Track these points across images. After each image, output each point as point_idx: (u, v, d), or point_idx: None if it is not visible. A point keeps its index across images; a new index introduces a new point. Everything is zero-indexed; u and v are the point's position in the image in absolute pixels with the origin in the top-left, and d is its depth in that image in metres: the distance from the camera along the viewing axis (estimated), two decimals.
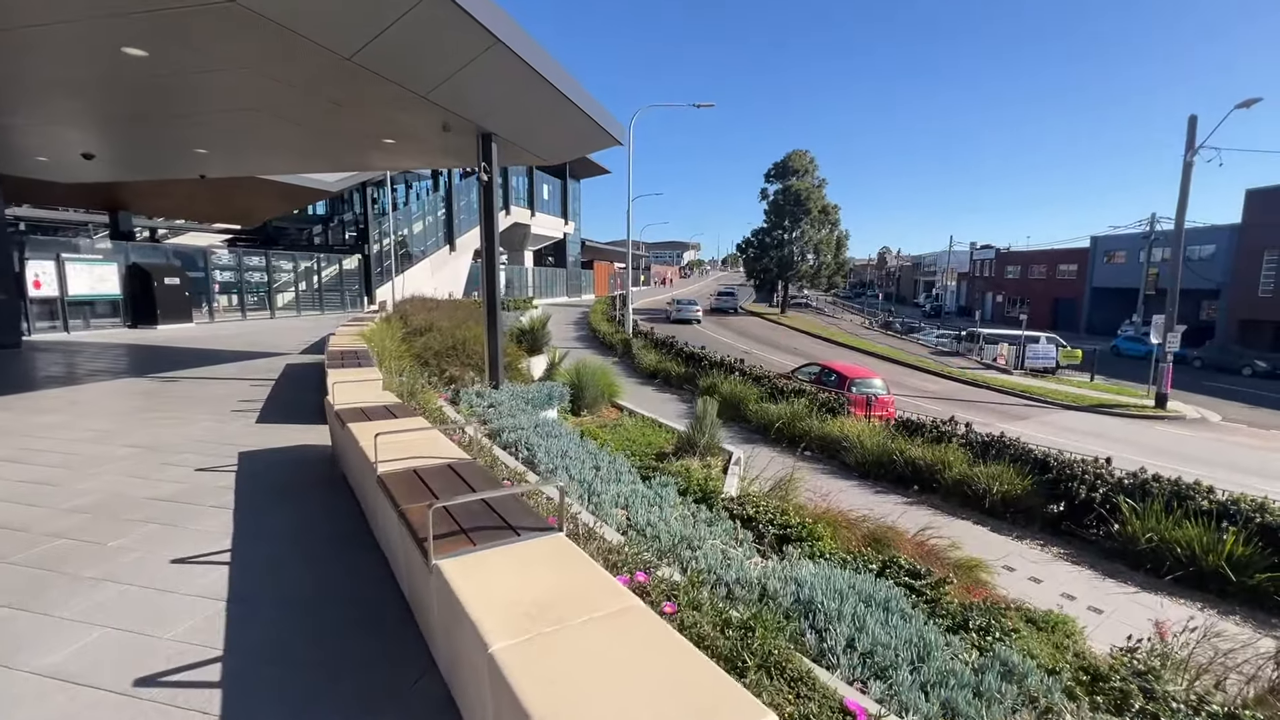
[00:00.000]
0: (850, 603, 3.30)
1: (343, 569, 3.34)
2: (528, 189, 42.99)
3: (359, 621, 2.82)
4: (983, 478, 9.14)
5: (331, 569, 3.32)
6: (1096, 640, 5.73)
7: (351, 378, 6.64)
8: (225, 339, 14.88)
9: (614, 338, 24.49)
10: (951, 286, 66.24)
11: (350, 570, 3.32)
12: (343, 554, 3.52)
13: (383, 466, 3.45)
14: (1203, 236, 35.59)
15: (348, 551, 3.55)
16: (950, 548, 6.36)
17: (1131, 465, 9.51)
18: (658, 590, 3.07)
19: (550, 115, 8.74)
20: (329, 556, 3.48)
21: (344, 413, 4.76)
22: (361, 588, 3.14)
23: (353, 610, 2.91)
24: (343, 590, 3.10)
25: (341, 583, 3.18)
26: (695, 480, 6.21)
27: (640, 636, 1.82)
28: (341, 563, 3.41)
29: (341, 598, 3.03)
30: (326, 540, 3.70)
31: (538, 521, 2.71)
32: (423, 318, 14.63)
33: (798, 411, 12.38)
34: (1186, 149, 18.58)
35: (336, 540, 3.70)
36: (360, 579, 3.22)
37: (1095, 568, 7.70)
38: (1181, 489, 7.96)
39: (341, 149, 9.94)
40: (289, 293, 24.05)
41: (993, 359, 27.91)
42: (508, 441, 6.58)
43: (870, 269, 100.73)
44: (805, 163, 48.78)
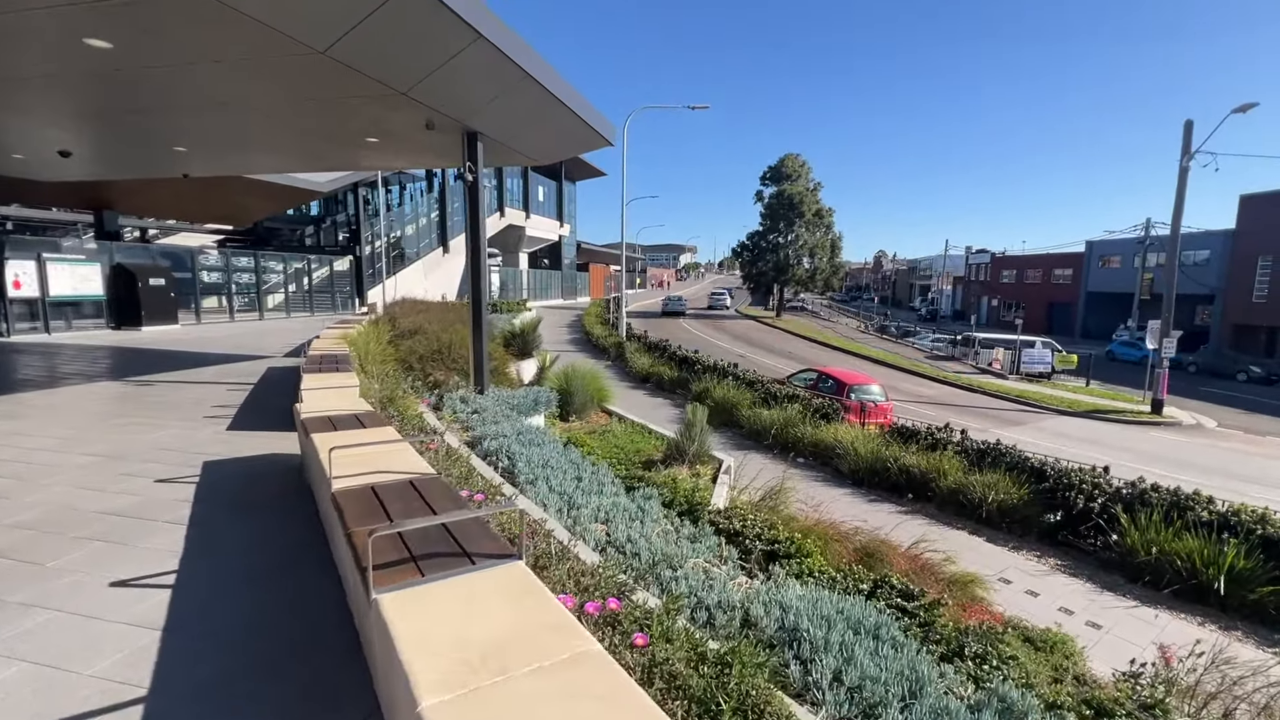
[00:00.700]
0: (838, 630, 3.09)
1: (293, 593, 3.11)
2: (523, 191, 42.77)
3: (304, 654, 2.59)
4: (978, 487, 8.95)
5: (282, 593, 3.09)
6: (1096, 659, 5.53)
7: (327, 384, 6.42)
8: (210, 341, 14.60)
9: (607, 341, 24.28)
10: (947, 290, 66.30)
11: (301, 595, 3.09)
12: (296, 576, 3.28)
13: (339, 482, 3.23)
14: (1197, 242, 35.63)
15: (301, 573, 3.32)
16: (945, 562, 6.15)
17: (1128, 472, 9.36)
18: (630, 619, 2.84)
19: (538, 114, 8.54)
20: (281, 579, 3.24)
21: (309, 421, 4.53)
22: (311, 615, 2.91)
23: (299, 641, 2.68)
24: (290, 618, 2.87)
25: (290, 609, 2.95)
26: (682, 491, 6.00)
27: (594, 691, 1.60)
28: (293, 586, 3.18)
29: (288, 627, 2.80)
30: (281, 560, 3.47)
31: (498, 547, 2.49)
32: (411, 320, 14.38)
33: (791, 418, 12.18)
34: (1183, 154, 18.50)
35: (292, 560, 3.47)
36: (311, 605, 2.99)
37: (1093, 580, 7.51)
38: (1181, 499, 7.78)
39: (324, 148, 9.71)
40: (278, 294, 23.74)
41: (988, 363, 27.81)
42: (488, 450, 6.36)
43: (866, 272, 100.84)
44: (798, 166, 48.73)
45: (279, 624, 2.81)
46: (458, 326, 12.31)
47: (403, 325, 14.00)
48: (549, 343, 24.42)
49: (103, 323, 16.46)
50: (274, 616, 2.87)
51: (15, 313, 14.62)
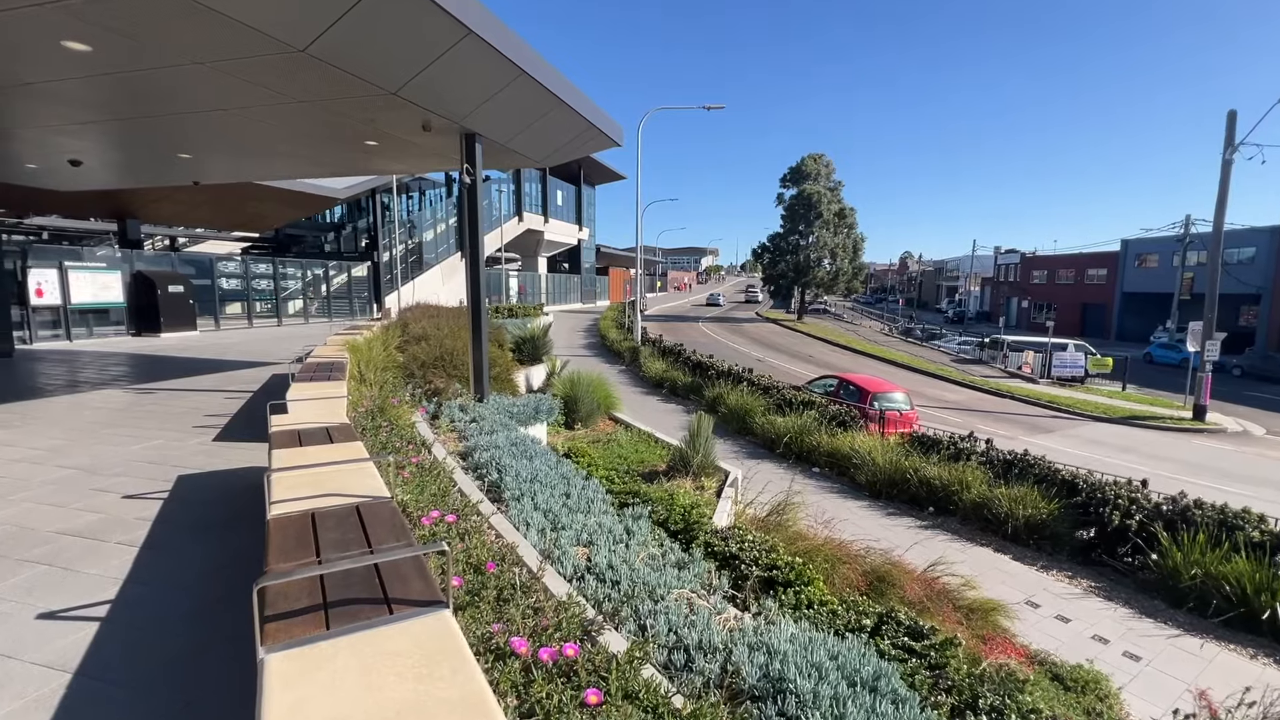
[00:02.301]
0: (830, 681, 2.72)
1: (232, 632, 2.84)
2: (541, 195, 42.84)
3: (222, 707, 2.31)
4: (1004, 500, 8.41)
5: (219, 630, 2.84)
6: (1134, 696, 5.04)
7: (314, 394, 6.21)
8: (224, 348, 14.68)
9: (622, 345, 23.98)
10: (975, 292, 64.66)
11: (241, 634, 2.82)
12: (241, 610, 3.02)
13: (280, 507, 2.96)
14: (1241, 239, 34.03)
15: (248, 607, 3.05)
16: (964, 586, 5.69)
17: (1169, 484, 8.74)
18: (589, 667, 2.52)
19: (537, 114, 8.29)
20: (221, 613, 2.99)
21: (276, 435, 4.29)
22: (244, 658, 2.63)
23: (222, 691, 2.41)
24: (219, 661, 2.60)
25: (222, 651, 2.68)
26: (679, 508, 5.64)
27: None
28: (234, 623, 2.92)
29: (214, 672, 2.53)
30: (229, 592, 3.21)
31: (425, 591, 2.18)
32: (421, 325, 14.27)
33: (806, 425, 11.72)
34: (1225, 146, 17.55)
35: (239, 592, 3.21)
36: (247, 646, 2.72)
37: (1130, 604, 6.94)
38: (1228, 517, 7.18)
39: (325, 153, 9.60)
40: (297, 300, 23.99)
41: (1018, 367, 26.82)
42: (479, 462, 6.10)
43: (891, 274, 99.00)
44: (820, 166, 47.96)
45: (206, 669, 2.54)
46: (463, 332, 12.12)
47: (413, 330, 13.89)
48: (563, 347, 24.24)
49: (123, 329, 16.71)
50: (204, 659, 2.61)
51: (38, 320, 14.90)
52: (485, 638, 2.64)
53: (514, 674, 2.40)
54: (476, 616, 2.77)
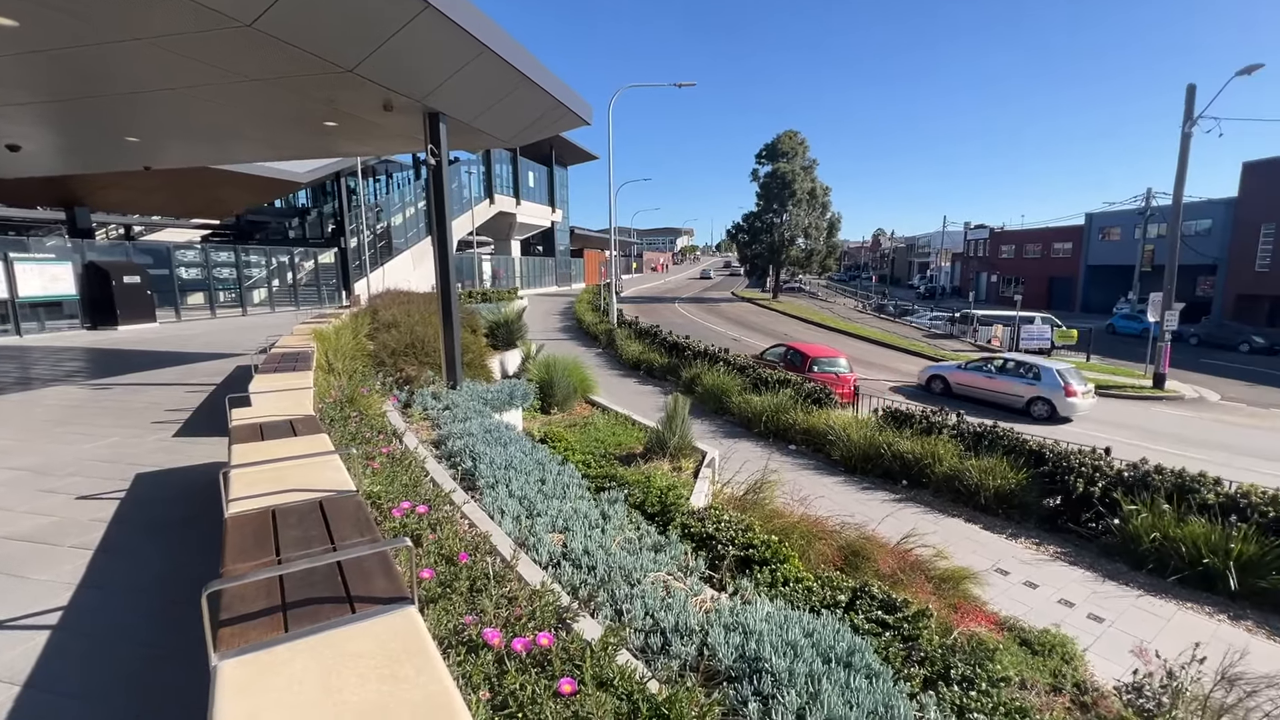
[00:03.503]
0: (805, 659, 2.73)
1: (191, 636, 2.74)
2: (512, 177, 42.07)
3: (181, 717, 2.23)
4: (974, 472, 8.60)
5: (178, 635, 2.74)
6: (1098, 656, 5.22)
7: (278, 385, 6.02)
8: (185, 339, 14.21)
9: (598, 328, 23.85)
10: (946, 267, 65.65)
11: (202, 639, 2.73)
12: (193, 619, 2.92)
13: (239, 505, 2.85)
14: (1199, 211, 35.01)
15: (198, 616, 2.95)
16: (936, 557, 5.81)
17: (1131, 450, 9.03)
18: (563, 656, 2.49)
19: (502, 92, 8.06)
20: (180, 618, 2.89)
21: (237, 430, 4.15)
22: (205, 665, 2.54)
23: (181, 700, 2.32)
24: (178, 668, 2.51)
25: (181, 658, 2.59)
26: (656, 490, 5.63)
27: None
28: (194, 627, 2.81)
29: (172, 680, 2.44)
30: (188, 594, 3.09)
31: (390, 587, 2.12)
32: (392, 312, 13.97)
33: (782, 403, 11.81)
34: (1185, 119, 17.92)
35: (200, 595, 3.10)
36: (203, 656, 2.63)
37: (1094, 568, 7.18)
38: (1185, 481, 7.43)
39: (282, 135, 9.24)
40: (262, 289, 23.30)
41: (987, 341, 27.38)
42: (453, 450, 6.01)
43: (865, 251, 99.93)
44: (795, 144, 47.84)
45: (164, 680, 2.45)
46: (435, 318, 11.91)
47: (384, 317, 13.59)
48: (539, 331, 24.03)
49: (78, 323, 16.04)
50: (161, 670, 2.51)
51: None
52: (457, 630, 2.60)
53: (487, 666, 2.37)
54: (449, 609, 2.72)
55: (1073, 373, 15.38)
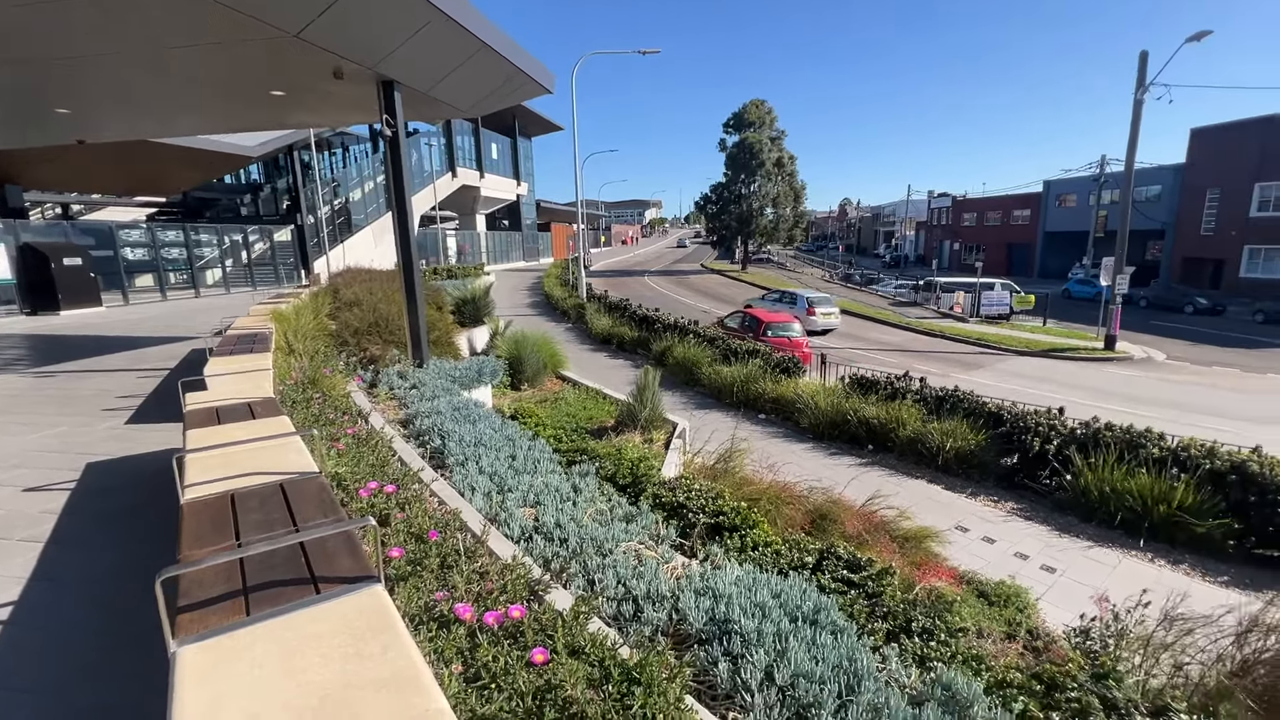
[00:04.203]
0: (773, 619, 2.81)
1: (149, 625, 2.67)
2: (474, 149, 40.92)
3: (139, 707, 2.18)
4: (936, 435, 8.87)
5: (135, 625, 2.66)
6: (1050, 604, 5.50)
7: (235, 367, 5.82)
8: (134, 323, 13.62)
9: (567, 303, 23.65)
10: (910, 236, 66.65)
11: (154, 631, 2.66)
12: (149, 609, 2.84)
13: (195, 491, 2.77)
14: (1149, 177, 36.11)
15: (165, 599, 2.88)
16: (899, 518, 6.01)
17: (1084, 410, 9.39)
18: (535, 627, 2.51)
19: (459, 59, 7.77)
20: (137, 608, 2.80)
21: (192, 414, 4.01)
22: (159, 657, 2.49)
23: (139, 690, 2.27)
24: (136, 658, 2.45)
25: (139, 647, 2.52)
26: (627, 462, 5.67)
27: None
28: (151, 617, 2.74)
29: (130, 670, 2.38)
30: (144, 584, 2.99)
31: (355, 567, 2.09)
32: (353, 290, 13.60)
33: (751, 374, 11.94)
34: (1137, 86, 18.32)
35: (153, 584, 3.02)
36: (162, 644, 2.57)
37: (1048, 522, 7.52)
38: (1133, 437, 7.79)
39: (227, 105, 8.78)
40: (215, 269, 22.40)
41: (949, 307, 28.03)
42: (421, 429, 5.94)
43: (831, 221, 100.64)
44: (763, 113, 47.58)
45: (121, 671, 2.39)
46: (398, 296, 11.64)
47: (346, 296, 13.22)
48: (507, 307, 23.73)
49: (15, 309, 15.22)
50: (119, 661, 2.45)
51: None
52: (428, 607, 2.59)
53: (459, 640, 2.37)
54: (419, 586, 2.70)
55: (819, 299, 23.49)
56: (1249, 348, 20.94)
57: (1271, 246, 30.60)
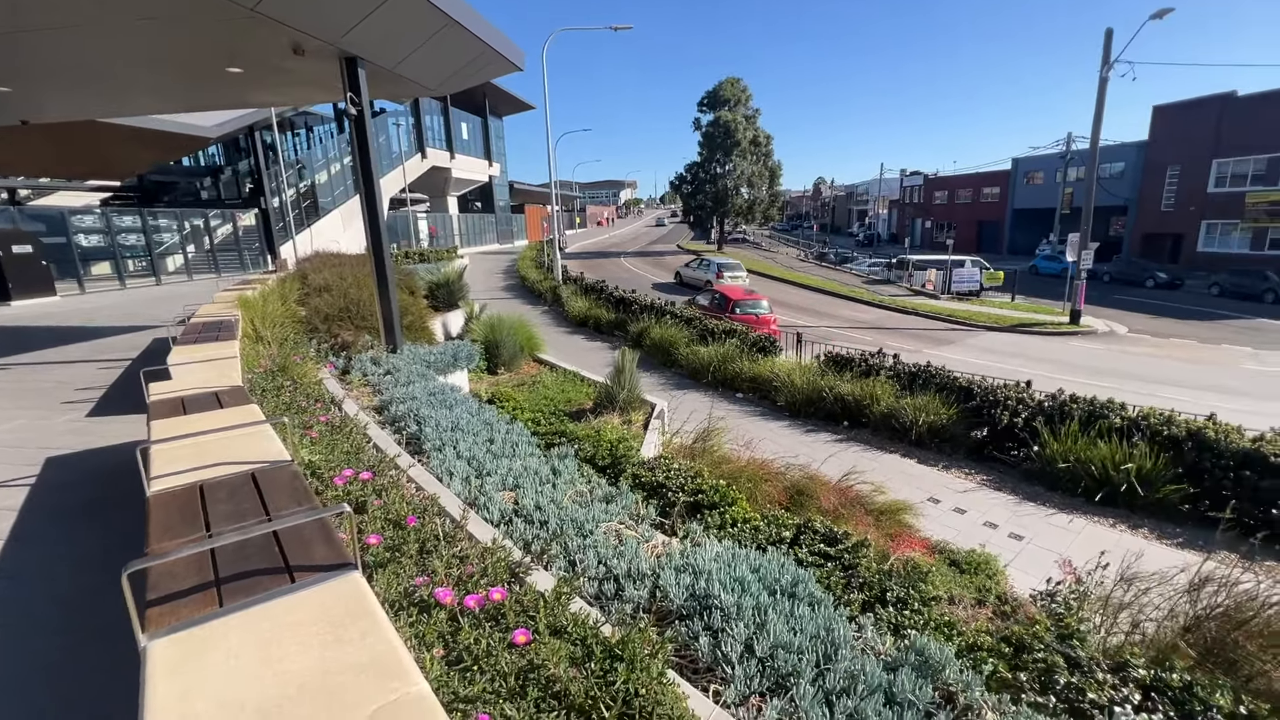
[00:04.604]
0: (752, 592, 2.86)
1: (114, 621, 2.61)
2: (444, 129, 39.98)
3: (104, 703, 2.14)
4: (910, 410, 9.06)
5: (100, 621, 2.61)
6: (1018, 570, 5.70)
7: (200, 356, 5.67)
8: (92, 313, 13.13)
9: (542, 285, 23.43)
10: (883, 215, 67.27)
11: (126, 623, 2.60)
12: (114, 605, 2.78)
13: (162, 483, 2.70)
14: (1113, 154, 36.86)
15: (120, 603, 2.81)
16: (874, 492, 6.14)
17: (1050, 383, 9.65)
18: (517, 609, 2.51)
19: (425, 34, 7.54)
20: (102, 604, 2.74)
21: (156, 405, 3.90)
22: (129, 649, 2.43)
23: (104, 687, 2.22)
24: (101, 655, 2.40)
25: (104, 644, 2.47)
26: (606, 443, 5.68)
27: None
28: (117, 612, 2.68)
29: (95, 667, 2.33)
30: (109, 579, 2.93)
31: (331, 554, 2.06)
32: (323, 276, 13.28)
33: (728, 353, 12.02)
34: (1102, 63, 18.60)
35: (112, 586, 2.95)
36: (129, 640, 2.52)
37: (1016, 491, 7.76)
38: (1096, 407, 8.05)
39: (180, 83, 8.42)
40: (177, 255, 21.68)
41: (921, 285, 28.46)
42: (396, 415, 5.86)
43: (806, 201, 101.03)
44: (738, 91, 47.21)
45: (86, 668, 2.33)
46: (370, 280, 11.40)
47: (315, 281, 12.92)
48: (482, 290, 23.42)
49: None
50: (83, 658, 2.39)
51: None
52: (408, 592, 2.58)
53: (440, 624, 2.36)
54: (398, 572, 2.68)
55: (726, 264, 27.68)
56: (1205, 320, 21.70)
57: (1228, 221, 31.60)
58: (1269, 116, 29.12)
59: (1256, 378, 13.92)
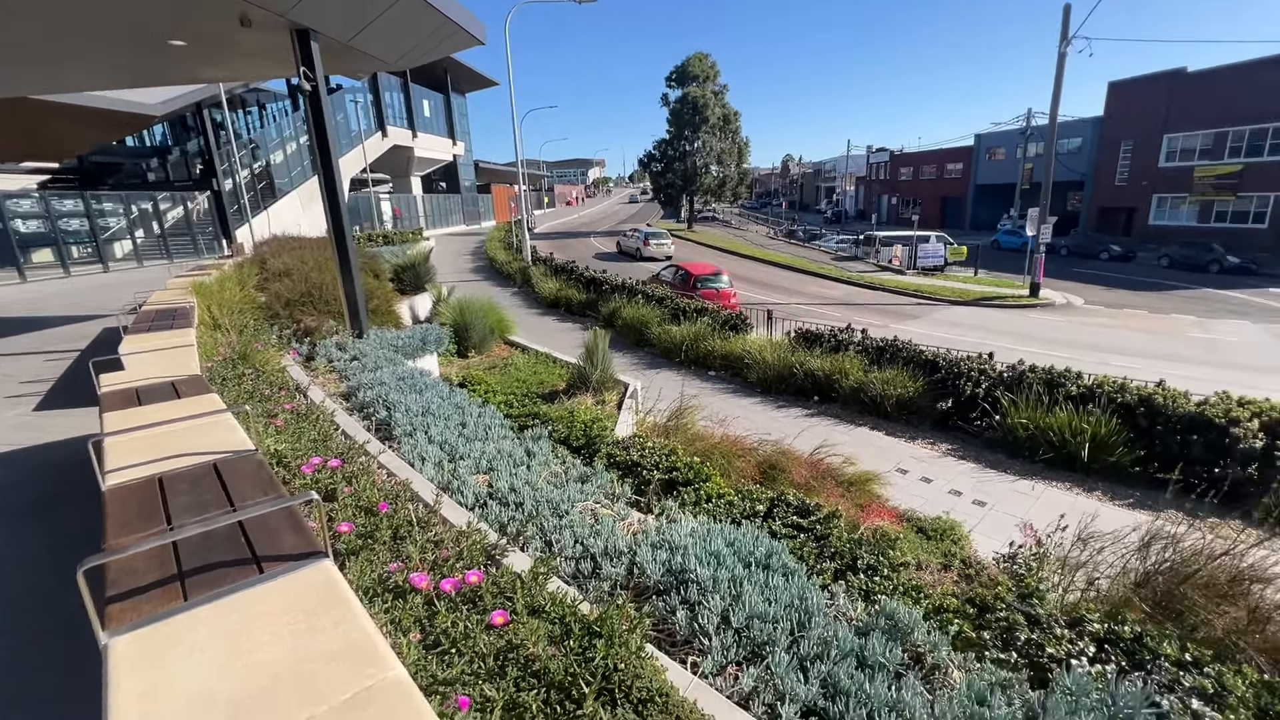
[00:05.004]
0: (727, 566, 2.91)
1: (71, 621, 2.52)
2: (405, 106, 38.75)
3: (59, 707, 2.07)
4: (878, 384, 9.25)
5: (53, 623, 2.51)
6: (981, 535, 5.91)
7: (154, 345, 5.47)
8: (36, 302, 12.51)
9: (512, 266, 23.09)
10: (850, 191, 67.84)
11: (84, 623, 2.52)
12: (61, 609, 2.68)
13: (118, 476, 2.60)
14: (1071, 130, 37.74)
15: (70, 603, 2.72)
16: (845, 464, 6.28)
17: (1011, 354, 9.96)
18: (494, 590, 2.51)
19: (381, 6, 7.25)
20: (55, 604, 2.64)
21: (108, 396, 3.75)
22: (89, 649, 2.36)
23: (58, 689, 2.15)
24: (54, 656, 2.32)
25: (58, 645, 2.38)
26: (580, 424, 5.67)
27: None
28: (74, 612, 2.59)
29: (48, 669, 2.25)
30: (61, 579, 2.83)
31: (300, 543, 2.02)
32: (283, 260, 12.86)
33: (700, 332, 12.07)
34: (1061, 39, 18.92)
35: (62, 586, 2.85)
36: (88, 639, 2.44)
37: (979, 459, 8.02)
38: (1054, 377, 8.32)
39: (118, 56, 7.94)
40: (125, 241, 20.71)
41: (888, 261, 28.90)
42: (365, 401, 5.74)
43: (775, 178, 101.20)
44: (706, 67, 46.70)
45: (37, 670, 2.25)
46: (332, 264, 11.08)
47: (274, 266, 12.50)
48: (449, 273, 22.99)
49: None
50: (34, 661, 2.30)
51: None
52: (382, 579, 2.55)
53: (416, 609, 2.35)
54: (371, 559, 2.65)
55: (652, 234, 32.36)
56: (1155, 290, 22.57)
57: (1177, 195, 32.75)
58: (1215, 92, 30.11)
59: (1203, 345, 14.58)
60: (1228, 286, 22.79)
